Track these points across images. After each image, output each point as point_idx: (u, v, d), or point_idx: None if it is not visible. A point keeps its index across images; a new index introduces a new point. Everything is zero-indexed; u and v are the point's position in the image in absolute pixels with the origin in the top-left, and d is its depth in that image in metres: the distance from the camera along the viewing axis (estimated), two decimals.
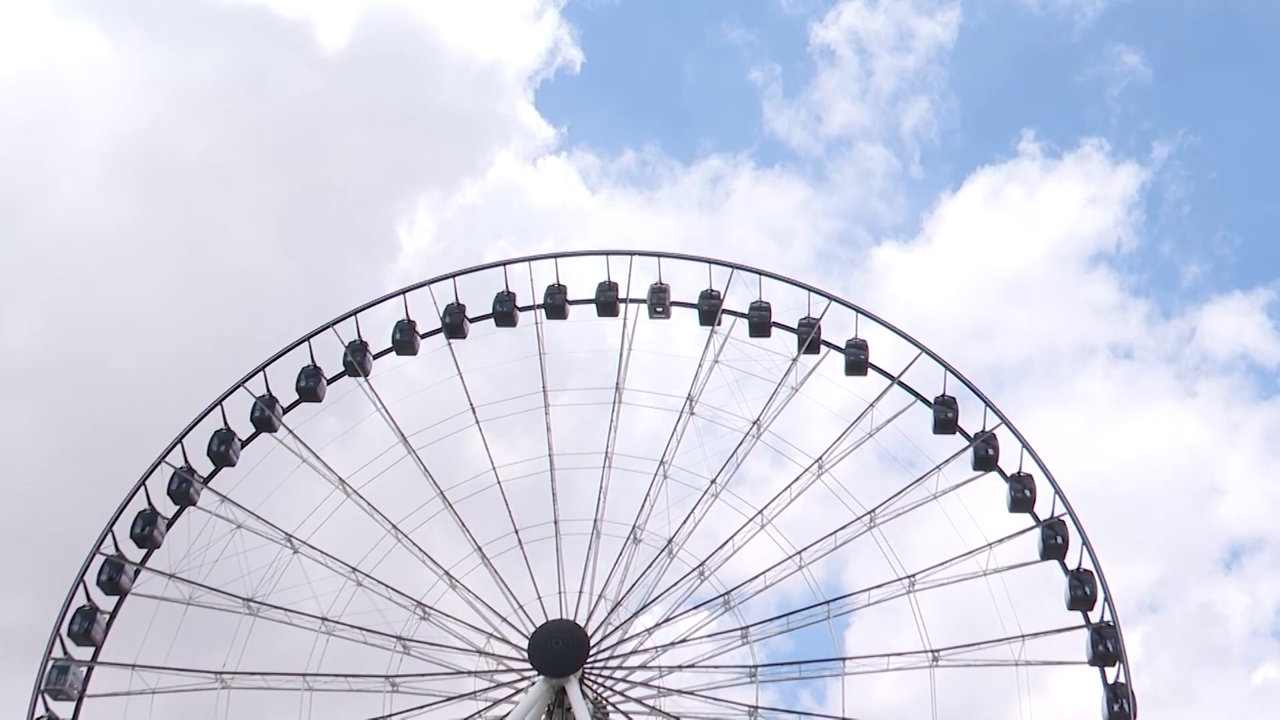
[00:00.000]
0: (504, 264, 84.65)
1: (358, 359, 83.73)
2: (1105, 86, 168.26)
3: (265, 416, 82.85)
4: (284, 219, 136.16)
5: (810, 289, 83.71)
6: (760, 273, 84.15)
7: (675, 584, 78.70)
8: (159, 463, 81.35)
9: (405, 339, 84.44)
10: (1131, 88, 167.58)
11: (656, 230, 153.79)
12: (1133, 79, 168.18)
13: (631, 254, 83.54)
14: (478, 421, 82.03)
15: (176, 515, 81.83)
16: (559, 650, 77.16)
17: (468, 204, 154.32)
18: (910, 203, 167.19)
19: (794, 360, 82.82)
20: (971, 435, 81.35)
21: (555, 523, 79.71)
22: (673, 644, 77.80)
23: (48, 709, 78.23)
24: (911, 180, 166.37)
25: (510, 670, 78.20)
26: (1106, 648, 75.58)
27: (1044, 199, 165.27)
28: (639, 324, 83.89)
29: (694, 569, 78.77)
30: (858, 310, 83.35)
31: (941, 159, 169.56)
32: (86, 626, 78.74)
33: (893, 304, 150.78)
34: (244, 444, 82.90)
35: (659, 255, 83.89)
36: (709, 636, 77.19)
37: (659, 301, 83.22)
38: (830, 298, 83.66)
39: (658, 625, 77.94)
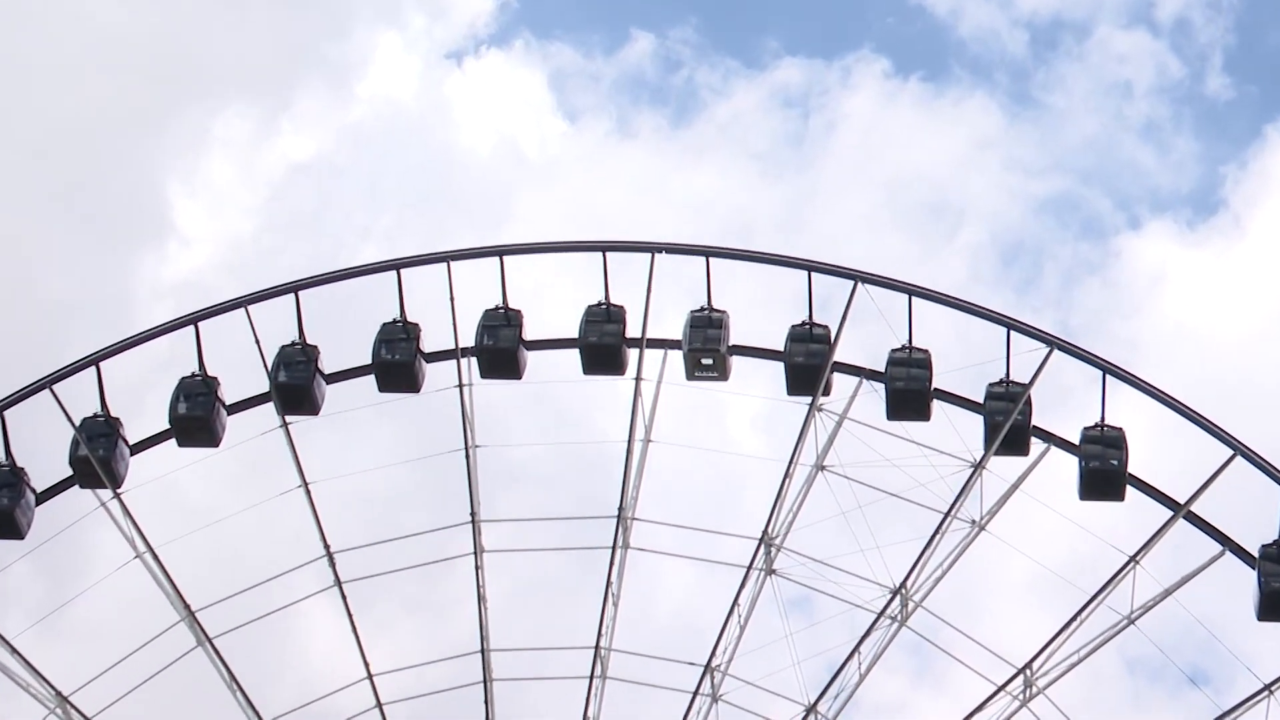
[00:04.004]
0: (396, 266, 64.73)
1: (99, 453, 63.55)
2: None
3: None
4: None
5: (1009, 322, 62.77)
6: (910, 290, 63.19)
7: None
8: None
9: (197, 415, 64.11)
10: None
11: (694, 198, 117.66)
12: None
13: (652, 249, 64.18)
14: (339, 582, 62.61)
15: None
16: None
17: (319, 144, 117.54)
18: (1203, 149, 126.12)
19: (976, 466, 62.31)
20: None
21: None
22: None
23: None
24: (1205, 105, 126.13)
25: None
26: None
27: None
28: (666, 389, 64.58)
29: None
30: (1105, 367, 61.76)
31: (1259, 70, 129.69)
32: None
33: (1171, 352, 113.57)
34: None
35: (705, 252, 64.42)
36: None
37: (706, 345, 64.14)
38: (1050, 341, 62.35)
39: None
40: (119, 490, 63.25)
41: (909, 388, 62.86)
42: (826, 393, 63.53)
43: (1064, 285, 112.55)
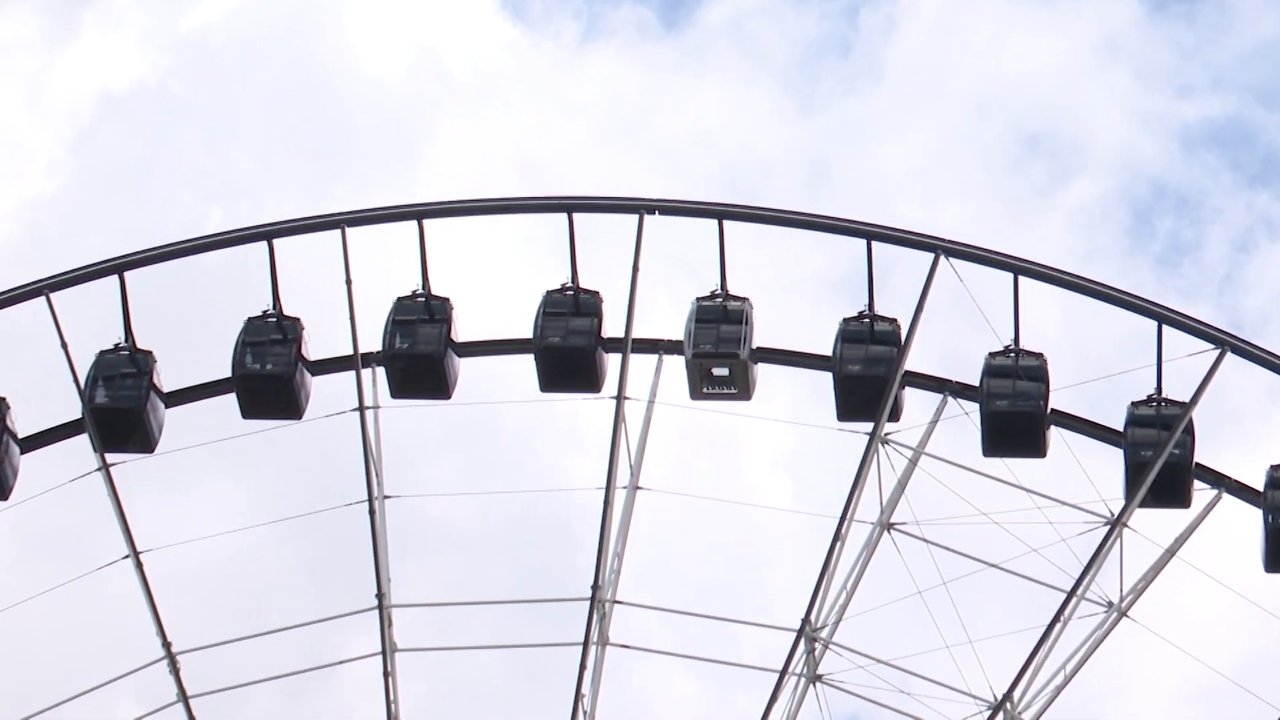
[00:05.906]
0: (266, 235, 53.75)
1: None
2: None
3: None
4: None
5: (1161, 313, 51.12)
6: (1017, 265, 51.34)
7: None
8: None
9: None
10: None
11: (692, 132, 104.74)
12: None
13: (638, 207, 53.32)
14: (184, 696, 51.01)
15: None
16: None
17: (146, 62, 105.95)
18: None
19: (1114, 524, 50.88)
20: None
21: None
22: None
23: None
24: None
25: None
26: None
27: None
28: (660, 413, 53.59)
29: None
30: None
31: None
32: None
33: None
34: None
35: (716, 213, 53.53)
36: None
37: (719, 348, 53.47)
38: (1219, 339, 50.96)
39: None
40: None
41: (1015, 409, 52.15)
42: (895, 417, 52.71)
43: (1232, 256, 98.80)
